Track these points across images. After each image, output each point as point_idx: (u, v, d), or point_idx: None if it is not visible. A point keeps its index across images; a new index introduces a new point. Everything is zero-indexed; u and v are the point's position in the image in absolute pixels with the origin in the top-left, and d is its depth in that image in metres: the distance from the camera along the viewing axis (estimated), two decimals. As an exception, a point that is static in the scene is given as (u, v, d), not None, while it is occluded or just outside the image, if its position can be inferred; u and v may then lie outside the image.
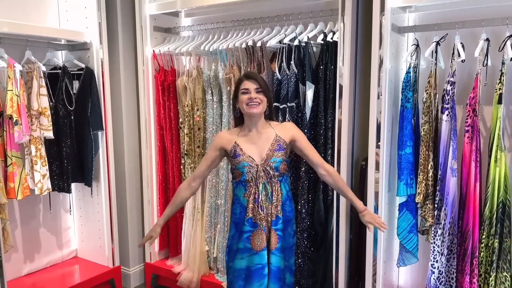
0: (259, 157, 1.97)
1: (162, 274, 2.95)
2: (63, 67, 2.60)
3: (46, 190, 2.49)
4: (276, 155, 1.96)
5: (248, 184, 1.97)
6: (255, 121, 1.99)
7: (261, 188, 1.96)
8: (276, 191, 1.98)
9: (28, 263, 2.79)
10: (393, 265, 2.29)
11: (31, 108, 2.41)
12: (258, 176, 1.96)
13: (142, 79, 2.84)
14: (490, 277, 1.89)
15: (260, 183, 1.96)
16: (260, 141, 1.99)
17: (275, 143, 1.97)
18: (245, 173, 1.96)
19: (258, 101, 1.93)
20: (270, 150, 1.96)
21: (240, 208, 2.00)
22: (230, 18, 2.58)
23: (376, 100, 2.03)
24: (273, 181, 1.97)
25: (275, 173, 1.96)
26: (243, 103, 1.94)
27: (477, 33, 1.89)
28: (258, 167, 1.95)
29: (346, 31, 2.06)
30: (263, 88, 1.97)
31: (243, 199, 1.99)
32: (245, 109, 1.94)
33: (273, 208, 1.96)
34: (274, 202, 1.97)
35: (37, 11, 2.66)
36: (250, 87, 1.94)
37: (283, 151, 1.98)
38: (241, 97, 1.96)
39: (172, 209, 2.12)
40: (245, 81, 1.97)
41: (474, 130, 1.89)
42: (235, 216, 2.03)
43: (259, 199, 1.96)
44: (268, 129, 2.01)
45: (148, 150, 2.89)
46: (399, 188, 2.07)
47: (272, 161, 1.95)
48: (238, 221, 2.01)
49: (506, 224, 1.87)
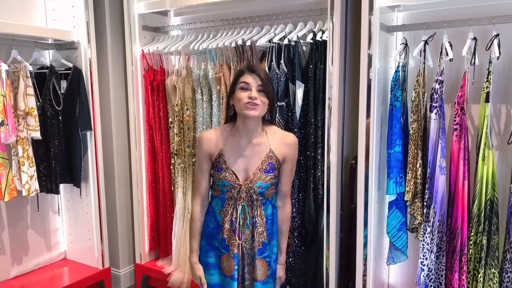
0: (244, 174, 1.72)
1: (153, 275, 2.93)
2: (50, 67, 2.56)
3: (33, 191, 2.46)
4: (263, 179, 1.70)
5: (226, 202, 1.75)
6: (249, 126, 1.71)
7: (240, 211, 1.72)
8: (258, 216, 1.75)
9: (16, 266, 2.75)
10: (383, 263, 2.30)
11: (17, 108, 2.37)
12: (238, 197, 1.72)
13: (131, 79, 2.81)
14: (479, 273, 1.91)
15: (240, 205, 1.72)
16: (251, 155, 1.72)
17: (266, 160, 1.72)
18: (225, 192, 1.73)
19: (258, 102, 1.64)
20: (259, 169, 1.71)
21: (214, 223, 1.79)
22: (220, 17, 2.57)
23: (365, 99, 2.04)
24: (254, 205, 1.74)
25: (259, 198, 1.73)
26: (241, 101, 1.64)
27: (464, 32, 1.91)
28: (241, 187, 1.71)
29: (335, 30, 2.06)
30: (267, 86, 1.67)
31: (218, 215, 1.78)
32: (242, 109, 1.65)
33: (257, 236, 1.75)
34: (258, 229, 1.75)
35: (24, 10, 2.62)
36: (252, 83, 1.65)
37: (273, 173, 1.73)
38: (239, 94, 1.66)
39: (198, 238, 1.85)
40: (246, 74, 1.67)
41: (462, 129, 1.91)
42: (208, 229, 1.82)
43: (236, 223, 1.73)
44: (263, 140, 1.74)
45: (137, 150, 2.87)
46: (389, 186, 2.08)
47: (257, 186, 1.70)
48: (210, 235, 1.81)
49: (494, 221, 1.89)
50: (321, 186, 2.25)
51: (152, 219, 2.95)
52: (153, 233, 2.96)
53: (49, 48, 2.77)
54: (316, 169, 2.25)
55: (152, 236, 2.96)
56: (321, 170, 2.23)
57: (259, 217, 1.76)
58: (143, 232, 2.95)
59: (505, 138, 1.98)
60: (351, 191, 2.25)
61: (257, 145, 1.73)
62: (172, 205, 2.86)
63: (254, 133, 1.73)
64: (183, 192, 2.75)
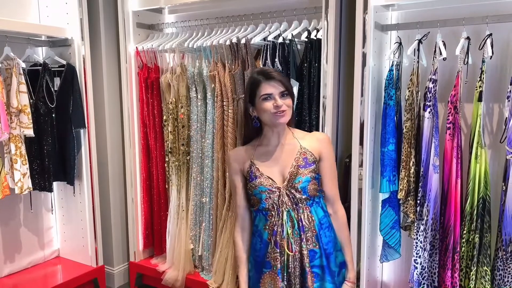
0: (280, 177, 1.60)
1: (147, 273, 2.93)
2: (43, 64, 2.55)
3: (26, 189, 2.45)
4: (302, 173, 1.58)
5: (269, 213, 1.59)
6: (278, 131, 1.63)
7: (286, 218, 1.56)
8: (305, 219, 1.58)
9: (9, 264, 2.74)
10: (376, 261, 2.31)
11: (10, 105, 2.36)
12: (280, 202, 1.57)
13: (125, 76, 2.80)
14: (471, 271, 1.93)
15: (284, 211, 1.57)
16: (282, 156, 1.62)
17: (300, 156, 1.60)
18: (264, 200, 1.58)
19: (285, 108, 1.56)
20: (294, 167, 1.58)
21: (260, 244, 1.61)
22: (214, 15, 2.57)
23: (359, 97, 2.05)
24: (300, 207, 1.58)
25: (302, 197, 1.58)
26: (268, 111, 1.55)
27: (458, 32, 1.92)
28: (281, 190, 1.58)
29: (330, 28, 2.07)
30: (290, 88, 1.59)
31: (263, 231, 1.60)
32: (272, 120, 1.56)
33: (305, 242, 1.57)
34: (306, 233, 1.57)
35: (17, 7, 2.60)
36: (274, 92, 1.55)
37: (311, 166, 1.60)
38: (264, 105, 1.55)
39: (244, 267, 1.69)
40: (264, 84, 1.56)
41: (456, 127, 1.92)
42: (255, 253, 1.64)
43: (284, 232, 1.56)
44: (291, 139, 1.65)
45: (131, 148, 2.86)
46: (382, 184, 2.09)
47: (297, 181, 1.57)
48: (258, 259, 1.62)
49: (486, 219, 1.91)
50: (315, 184, 2.25)
51: (146, 217, 2.94)
52: (147, 231, 2.96)
53: (43, 45, 2.75)
54: (310, 167, 2.25)
55: (146, 234, 2.96)
56: (315, 169, 2.24)
57: (306, 220, 1.58)
58: (137, 230, 2.95)
59: (497, 137, 2.00)
60: (345, 189, 2.25)
61: (287, 145, 1.65)
62: (166, 203, 2.85)
63: (283, 135, 1.66)
64: (177, 190, 2.75)
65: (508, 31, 1.92)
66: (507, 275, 1.87)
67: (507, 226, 1.83)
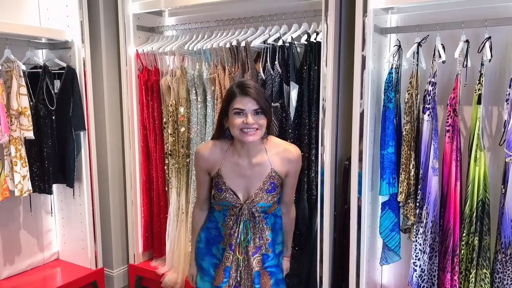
0: (245, 193, 1.65)
1: (146, 275, 2.92)
2: (43, 66, 2.55)
3: (26, 192, 2.45)
4: (265, 199, 1.63)
5: (228, 216, 1.69)
6: (248, 148, 1.61)
7: (242, 227, 1.65)
8: (259, 230, 1.69)
9: (8, 266, 2.74)
10: (376, 263, 2.31)
11: (10, 108, 2.36)
12: (240, 213, 1.65)
13: (125, 79, 2.81)
14: (471, 274, 1.93)
15: (242, 221, 1.65)
16: (251, 175, 1.63)
17: (268, 180, 1.63)
18: (226, 209, 1.68)
19: (256, 125, 1.52)
20: (260, 190, 1.63)
21: (216, 232, 1.75)
22: (214, 18, 2.57)
23: (359, 100, 2.05)
24: (256, 219, 1.67)
25: (261, 215, 1.68)
26: (236, 127, 1.52)
27: (457, 35, 1.93)
28: (242, 206, 1.65)
29: (330, 32, 2.07)
30: (263, 107, 1.52)
31: (221, 226, 1.73)
32: (238, 136, 1.54)
33: (259, 249, 1.70)
34: (260, 241, 1.70)
35: (17, 9, 2.61)
36: (247, 109, 1.51)
37: (275, 191, 1.65)
38: (233, 119, 1.52)
39: (196, 235, 1.82)
40: (239, 98, 1.52)
41: (455, 130, 1.92)
42: (209, 234, 1.76)
43: (238, 238, 1.66)
44: (263, 158, 1.63)
45: (131, 150, 2.86)
46: (382, 187, 2.09)
47: (260, 206, 1.64)
48: (211, 241, 1.76)
49: (485, 222, 1.91)
50: (315, 186, 2.26)
51: (146, 219, 2.94)
52: (147, 234, 2.95)
53: (43, 47, 2.76)
54: (310, 170, 2.25)
55: (145, 237, 2.95)
56: (315, 171, 2.24)
57: (260, 230, 1.69)
58: (136, 233, 2.94)
59: (496, 139, 2.00)
60: (344, 192, 2.26)
61: (257, 165, 1.63)
62: (166, 206, 2.85)
63: (253, 152, 1.63)
64: (177, 193, 2.75)
65: (507, 34, 1.93)
66: (506, 277, 1.87)
67: (506, 228, 1.83)
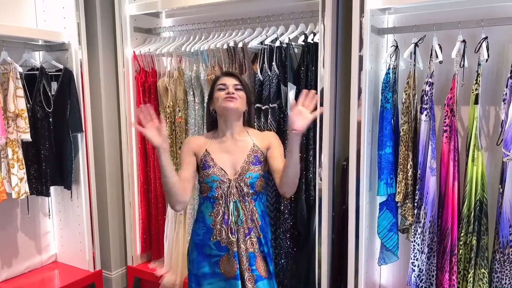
0: (232, 169, 1.73)
1: (145, 277, 2.92)
2: (40, 68, 2.54)
3: (23, 194, 2.44)
4: (252, 169, 1.71)
5: (216, 202, 1.72)
6: (231, 123, 1.75)
7: (232, 208, 1.69)
8: (250, 211, 1.73)
9: (6, 269, 2.73)
10: (374, 263, 2.31)
11: (7, 110, 2.35)
12: (229, 193, 1.70)
13: (122, 80, 2.80)
14: (469, 274, 1.93)
15: (231, 202, 1.70)
16: (235, 150, 1.74)
17: (252, 154, 1.74)
18: (214, 189, 1.71)
19: (236, 96, 1.71)
20: (246, 163, 1.72)
21: (203, 229, 1.75)
22: (212, 19, 2.57)
23: (356, 100, 2.05)
24: (246, 200, 1.72)
25: (250, 191, 1.73)
26: (219, 98, 1.70)
27: (454, 35, 1.93)
28: (231, 182, 1.71)
29: (327, 32, 2.07)
30: (244, 85, 1.75)
31: (208, 218, 1.74)
32: (221, 104, 1.69)
33: (251, 229, 1.73)
34: (252, 223, 1.73)
35: (14, 11, 2.60)
36: (229, 83, 1.73)
37: (260, 165, 1.74)
38: (217, 93, 1.73)
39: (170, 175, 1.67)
40: (223, 77, 1.76)
41: (452, 130, 1.93)
42: (197, 237, 1.77)
43: (229, 220, 1.69)
44: (245, 137, 1.79)
45: (129, 152, 2.86)
46: (380, 187, 2.09)
47: (247, 176, 1.70)
48: (200, 243, 1.76)
49: (483, 221, 1.91)
50: (313, 187, 2.26)
51: (144, 221, 2.94)
52: (145, 235, 2.95)
53: (40, 49, 2.75)
54: (307, 170, 2.25)
55: (144, 238, 2.95)
56: (312, 172, 2.24)
57: (249, 212, 1.73)
58: (134, 234, 2.94)
59: (494, 139, 2.01)
60: (342, 193, 2.26)
61: (240, 141, 1.77)
62: (164, 207, 2.85)
63: (236, 129, 1.77)
64: (175, 194, 2.74)
65: (504, 34, 1.94)
66: (504, 277, 1.88)
67: (504, 228, 1.84)
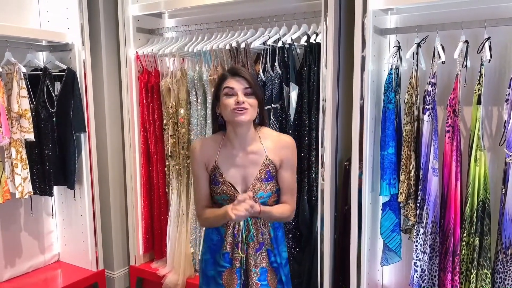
0: (243, 184, 1.60)
1: (147, 277, 2.93)
2: (44, 69, 2.56)
3: (27, 194, 2.45)
4: (264, 188, 1.58)
5: None
6: (241, 133, 1.58)
7: (243, 225, 1.60)
8: (261, 226, 1.64)
9: (9, 268, 2.74)
10: (377, 264, 2.31)
11: (11, 110, 2.36)
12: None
13: (125, 81, 2.81)
14: (471, 274, 1.93)
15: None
16: (246, 164, 1.59)
17: (264, 169, 1.59)
18: (225, 205, 1.58)
19: (247, 106, 1.51)
20: (257, 179, 1.58)
21: (217, 236, 1.68)
22: (214, 20, 2.58)
23: (359, 101, 2.05)
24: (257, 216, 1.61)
25: None
26: (228, 108, 1.51)
27: (456, 35, 1.93)
28: None
29: (329, 33, 2.08)
30: (254, 87, 1.54)
31: (221, 228, 1.66)
32: (231, 117, 1.52)
33: (262, 244, 1.65)
34: (263, 237, 1.65)
35: (17, 12, 2.62)
36: (237, 87, 1.51)
37: (272, 180, 1.60)
38: (225, 100, 1.52)
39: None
40: (229, 79, 1.54)
41: (455, 130, 1.92)
42: (211, 242, 1.71)
43: (239, 236, 1.61)
44: (257, 147, 1.61)
45: (131, 152, 2.86)
46: (382, 188, 2.09)
47: (259, 196, 1.58)
48: (214, 248, 1.70)
49: (486, 222, 1.91)
50: (315, 187, 2.26)
51: (146, 221, 2.94)
52: (148, 235, 2.96)
53: (43, 49, 2.76)
54: (310, 170, 2.26)
55: (146, 238, 2.96)
56: (315, 172, 2.24)
57: (263, 226, 1.65)
58: (137, 234, 2.95)
59: (496, 139, 2.00)
60: (345, 193, 2.26)
61: (252, 153, 1.61)
62: (166, 207, 2.85)
63: (247, 140, 1.60)
64: (177, 194, 2.75)
65: (507, 35, 1.93)
66: (507, 278, 1.87)
67: (507, 229, 1.83)
